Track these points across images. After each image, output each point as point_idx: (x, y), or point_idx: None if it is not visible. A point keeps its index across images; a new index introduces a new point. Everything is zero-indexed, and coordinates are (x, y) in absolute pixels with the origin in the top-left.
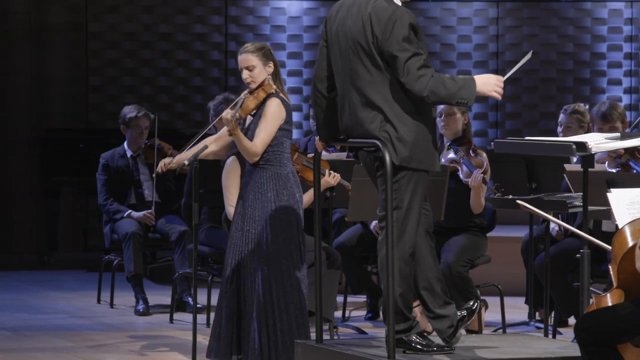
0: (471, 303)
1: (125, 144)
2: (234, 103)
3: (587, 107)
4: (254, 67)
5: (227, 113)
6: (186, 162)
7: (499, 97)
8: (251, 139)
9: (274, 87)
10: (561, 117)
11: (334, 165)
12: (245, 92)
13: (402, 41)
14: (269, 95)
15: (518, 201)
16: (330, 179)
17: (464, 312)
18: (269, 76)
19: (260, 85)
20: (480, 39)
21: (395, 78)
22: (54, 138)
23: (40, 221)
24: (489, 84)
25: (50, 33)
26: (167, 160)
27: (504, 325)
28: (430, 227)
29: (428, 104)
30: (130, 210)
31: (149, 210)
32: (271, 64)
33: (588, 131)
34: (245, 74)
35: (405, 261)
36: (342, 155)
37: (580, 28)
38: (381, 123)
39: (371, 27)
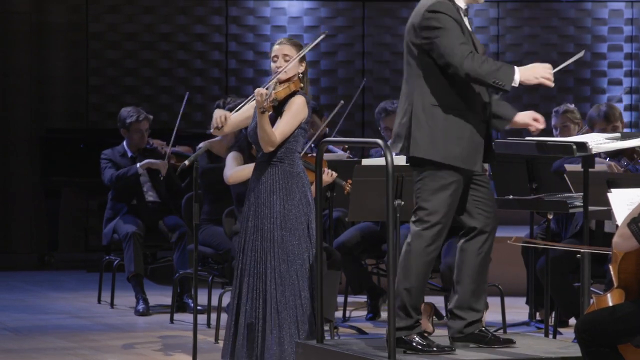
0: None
1: (124, 143)
2: (265, 85)
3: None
4: (290, 58)
5: (262, 90)
6: (186, 163)
7: (550, 83)
8: None
9: (302, 85)
10: (554, 120)
11: (335, 166)
12: (275, 79)
13: (435, 27)
14: (296, 92)
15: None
16: (326, 176)
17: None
18: (300, 74)
19: (290, 78)
20: (481, 39)
21: (431, 70)
22: (54, 138)
23: (40, 221)
24: (533, 72)
25: (50, 33)
26: (227, 113)
27: (504, 326)
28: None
29: (470, 100)
30: (138, 163)
31: (163, 161)
32: (304, 64)
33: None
34: (280, 62)
35: (421, 258)
36: (343, 156)
37: (580, 28)
38: (410, 115)
39: (414, 20)
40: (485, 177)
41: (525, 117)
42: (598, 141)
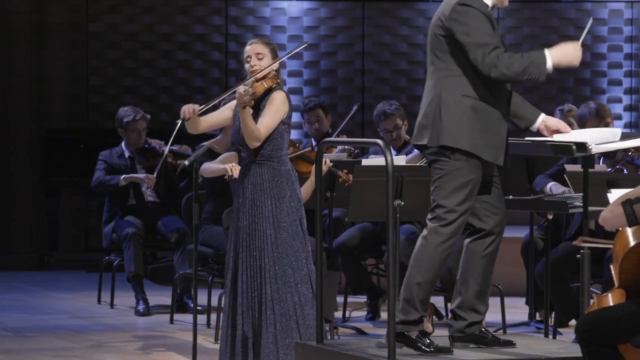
0: None
1: (122, 144)
2: (243, 82)
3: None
4: (263, 57)
5: (242, 87)
6: (186, 163)
7: (578, 64)
8: None
9: (279, 81)
10: (558, 118)
11: (336, 165)
12: (253, 78)
13: (463, 22)
14: (274, 87)
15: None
16: (322, 165)
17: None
18: (274, 72)
19: (266, 75)
20: None
21: (461, 62)
22: (55, 138)
23: (40, 221)
24: (566, 54)
25: (50, 33)
26: (196, 106)
27: (504, 326)
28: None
29: (497, 95)
30: (124, 175)
31: (150, 175)
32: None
33: None
34: (254, 61)
35: (436, 253)
36: (343, 156)
37: (580, 28)
38: (437, 105)
39: (441, 12)
40: (498, 179)
41: (557, 124)
42: (598, 141)
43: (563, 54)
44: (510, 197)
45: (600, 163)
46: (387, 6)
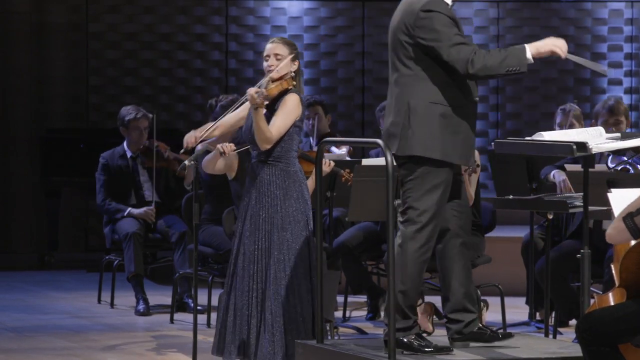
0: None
1: (124, 144)
2: (258, 84)
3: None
4: (282, 57)
5: (253, 89)
6: (186, 163)
7: (562, 53)
8: None
9: (295, 83)
10: (560, 118)
11: (337, 165)
12: (268, 78)
13: (432, 29)
14: (289, 90)
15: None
16: (325, 166)
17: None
18: (292, 73)
19: (283, 77)
20: (481, 39)
21: (428, 69)
22: (55, 138)
23: (40, 221)
24: (546, 43)
25: (50, 33)
26: (198, 133)
27: (504, 326)
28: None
29: (466, 95)
30: (129, 209)
31: (149, 207)
32: (297, 63)
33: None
34: (271, 61)
35: (415, 260)
36: (343, 155)
37: (580, 28)
38: (405, 114)
39: (405, 19)
40: (461, 177)
41: None
42: (598, 141)
43: (543, 43)
44: (510, 197)
45: (609, 161)
46: (387, 6)
